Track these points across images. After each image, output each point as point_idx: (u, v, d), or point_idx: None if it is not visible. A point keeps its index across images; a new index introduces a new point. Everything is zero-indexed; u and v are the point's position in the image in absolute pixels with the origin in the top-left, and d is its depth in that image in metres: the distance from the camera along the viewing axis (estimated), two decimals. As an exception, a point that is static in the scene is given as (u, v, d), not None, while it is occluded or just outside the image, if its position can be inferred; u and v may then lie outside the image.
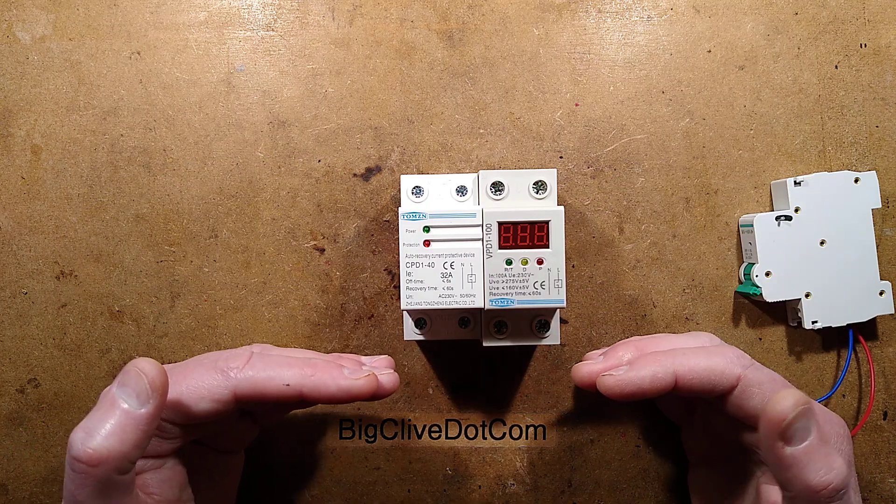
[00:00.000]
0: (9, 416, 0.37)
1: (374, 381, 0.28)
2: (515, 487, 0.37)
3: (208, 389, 0.27)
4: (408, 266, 0.31)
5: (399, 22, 0.37)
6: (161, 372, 0.25)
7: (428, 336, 0.34)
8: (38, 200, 0.37)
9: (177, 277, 0.37)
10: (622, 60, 0.37)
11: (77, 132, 0.37)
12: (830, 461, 0.25)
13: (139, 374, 0.25)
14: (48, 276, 0.37)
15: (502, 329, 0.33)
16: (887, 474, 0.37)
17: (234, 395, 0.27)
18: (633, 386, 0.28)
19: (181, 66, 0.37)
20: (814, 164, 0.37)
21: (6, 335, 0.37)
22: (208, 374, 0.27)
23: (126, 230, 0.37)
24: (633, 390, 0.28)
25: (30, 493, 0.37)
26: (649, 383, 0.28)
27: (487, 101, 0.37)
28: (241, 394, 0.27)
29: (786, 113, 0.37)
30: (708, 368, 0.28)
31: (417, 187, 0.33)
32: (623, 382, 0.28)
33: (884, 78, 0.37)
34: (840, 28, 0.37)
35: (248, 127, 0.37)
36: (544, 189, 0.32)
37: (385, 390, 0.29)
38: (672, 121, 0.37)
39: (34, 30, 0.37)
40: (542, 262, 0.31)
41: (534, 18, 0.37)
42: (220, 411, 0.27)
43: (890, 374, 0.37)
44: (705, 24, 0.37)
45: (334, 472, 0.37)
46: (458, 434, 0.37)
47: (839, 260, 0.35)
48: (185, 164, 0.37)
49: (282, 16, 0.37)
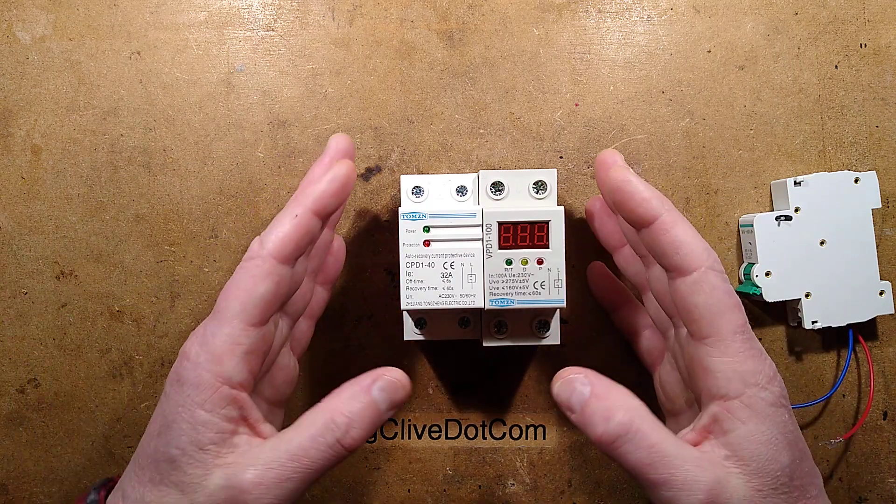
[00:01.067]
0: (9, 416, 0.37)
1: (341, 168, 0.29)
2: (515, 487, 0.37)
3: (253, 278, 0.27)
4: (408, 266, 0.31)
5: (399, 22, 0.37)
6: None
7: (428, 336, 0.35)
8: (38, 200, 0.37)
9: (177, 277, 0.37)
10: (622, 60, 0.37)
11: (77, 132, 0.37)
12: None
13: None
14: (48, 276, 0.37)
15: (502, 329, 0.33)
16: (887, 474, 0.37)
17: (275, 261, 0.27)
18: (629, 190, 0.28)
19: (181, 66, 0.37)
20: (814, 164, 0.37)
21: (6, 335, 0.37)
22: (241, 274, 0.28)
23: (126, 230, 0.37)
24: (626, 193, 0.28)
25: (30, 493, 0.37)
26: (639, 200, 0.28)
27: (487, 101, 0.37)
28: (280, 254, 0.27)
29: (786, 113, 0.37)
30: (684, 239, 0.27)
31: (417, 187, 0.33)
32: (623, 179, 0.28)
33: (884, 78, 0.37)
34: (840, 28, 0.37)
35: (248, 127, 0.37)
36: (544, 189, 0.32)
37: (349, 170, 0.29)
38: (672, 121, 0.37)
39: (34, 30, 0.37)
40: (542, 262, 0.31)
41: (534, 18, 0.37)
42: (278, 286, 0.28)
43: (890, 374, 0.37)
44: (705, 24, 0.37)
45: (334, 472, 0.37)
46: (458, 434, 0.37)
47: (839, 260, 0.35)
48: (185, 164, 0.37)
49: (282, 16, 0.37)
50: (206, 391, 0.26)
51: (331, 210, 0.29)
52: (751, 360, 0.26)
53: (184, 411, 0.26)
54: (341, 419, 0.26)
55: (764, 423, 0.25)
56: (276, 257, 0.27)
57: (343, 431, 0.26)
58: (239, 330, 0.27)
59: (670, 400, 0.32)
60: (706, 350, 0.27)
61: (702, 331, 0.27)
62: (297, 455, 0.25)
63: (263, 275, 0.27)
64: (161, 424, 0.26)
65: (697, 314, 0.27)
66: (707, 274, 0.27)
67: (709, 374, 0.26)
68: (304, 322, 0.33)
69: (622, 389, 0.27)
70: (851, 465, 0.37)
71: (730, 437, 0.26)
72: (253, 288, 0.27)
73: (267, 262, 0.27)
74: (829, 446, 0.36)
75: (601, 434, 0.26)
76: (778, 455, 0.25)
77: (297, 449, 0.26)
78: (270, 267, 0.27)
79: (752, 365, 0.26)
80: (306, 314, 0.33)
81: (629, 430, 0.25)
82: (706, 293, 0.27)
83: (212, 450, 0.26)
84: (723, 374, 0.26)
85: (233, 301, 0.27)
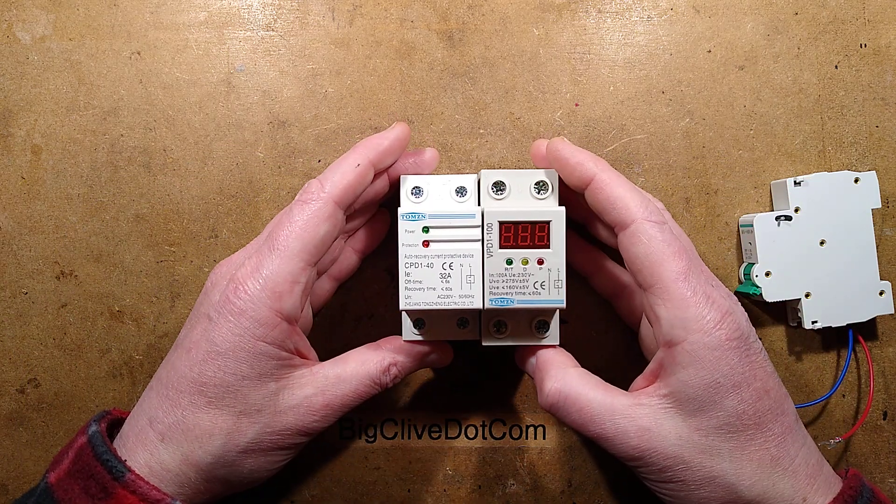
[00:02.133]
0: (9, 416, 0.37)
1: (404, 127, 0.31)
2: (515, 487, 0.37)
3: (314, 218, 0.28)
4: (407, 266, 0.31)
5: (399, 22, 0.37)
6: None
7: (427, 336, 0.34)
8: (38, 200, 0.37)
9: (177, 277, 0.37)
10: (622, 60, 0.37)
11: (77, 132, 0.37)
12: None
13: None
14: (48, 276, 0.37)
15: (502, 329, 0.33)
16: (887, 474, 0.37)
17: (335, 205, 0.29)
18: (564, 154, 0.30)
19: (181, 66, 0.37)
20: (814, 164, 0.37)
21: (6, 335, 0.37)
22: (301, 212, 0.29)
23: (126, 230, 0.37)
24: (561, 158, 0.30)
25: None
26: (573, 164, 0.29)
27: (487, 101, 0.37)
28: (340, 199, 0.29)
29: (786, 113, 0.37)
30: (618, 195, 0.28)
31: (417, 187, 0.33)
32: (560, 147, 0.30)
33: (884, 78, 0.37)
34: (840, 28, 0.37)
35: (248, 127, 0.37)
36: (546, 189, 0.32)
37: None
38: (672, 121, 0.37)
39: (34, 30, 0.37)
40: (542, 262, 0.31)
41: (534, 18, 0.37)
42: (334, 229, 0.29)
43: (890, 374, 0.37)
44: (705, 24, 0.37)
45: (334, 472, 0.37)
46: (458, 434, 0.37)
47: (839, 260, 0.35)
48: (185, 164, 0.37)
49: (282, 16, 0.37)
50: (266, 326, 0.27)
51: (387, 165, 0.31)
52: (693, 306, 0.26)
53: (242, 341, 0.27)
54: (395, 371, 0.31)
55: (704, 367, 0.26)
56: (337, 201, 0.29)
57: (392, 378, 0.31)
58: (299, 269, 0.28)
59: (650, 353, 0.33)
60: (652, 299, 0.28)
61: (645, 280, 0.28)
62: (356, 389, 0.30)
63: (325, 216, 0.28)
64: (208, 351, 0.27)
65: (638, 264, 0.28)
66: (643, 224, 0.28)
67: (655, 321, 0.28)
68: (327, 281, 0.34)
69: (562, 360, 0.31)
70: (851, 465, 0.37)
71: (670, 381, 0.27)
72: (315, 228, 0.28)
73: (328, 205, 0.28)
74: (829, 446, 0.36)
75: (541, 403, 0.30)
76: (719, 397, 0.26)
77: (358, 384, 0.30)
78: (331, 210, 0.29)
79: (694, 311, 0.26)
80: (331, 274, 0.34)
81: (558, 399, 0.29)
82: (644, 244, 0.27)
83: (274, 376, 0.28)
84: (666, 320, 0.27)
85: (294, 239, 0.28)
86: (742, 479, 0.26)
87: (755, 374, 0.27)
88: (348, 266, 0.35)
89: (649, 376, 0.29)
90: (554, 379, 0.29)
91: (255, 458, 0.28)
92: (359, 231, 0.35)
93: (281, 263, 0.28)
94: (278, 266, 0.28)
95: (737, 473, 0.26)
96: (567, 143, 0.30)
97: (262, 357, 0.27)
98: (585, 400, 0.28)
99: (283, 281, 0.28)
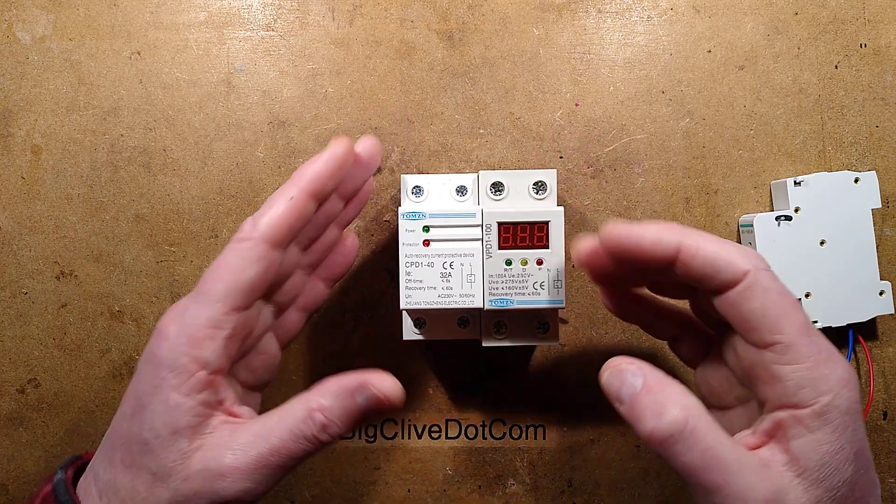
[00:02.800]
0: (9, 416, 0.37)
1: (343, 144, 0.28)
2: (515, 487, 0.37)
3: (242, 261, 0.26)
4: (407, 266, 0.31)
5: (399, 22, 0.37)
6: None
7: (427, 336, 0.34)
8: (38, 200, 0.37)
9: (177, 277, 0.37)
10: (622, 60, 0.37)
11: (77, 132, 0.37)
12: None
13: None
14: (48, 276, 0.37)
15: (502, 329, 0.33)
16: (887, 474, 0.37)
17: (268, 245, 0.27)
18: (634, 237, 0.26)
19: (181, 66, 0.37)
20: (814, 164, 0.37)
21: (6, 335, 0.37)
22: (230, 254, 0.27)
23: (126, 230, 0.37)
24: (632, 243, 0.26)
25: (30, 494, 0.37)
26: (650, 242, 0.25)
27: (487, 101, 0.37)
28: (273, 237, 0.27)
29: (786, 113, 0.37)
30: (716, 252, 0.25)
31: (417, 187, 0.33)
32: (624, 230, 0.26)
33: (884, 78, 0.37)
34: (840, 28, 0.37)
35: (248, 127, 0.37)
36: (544, 189, 0.32)
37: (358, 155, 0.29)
38: (672, 121, 0.37)
39: (34, 30, 0.37)
40: (541, 263, 0.31)
41: (534, 18, 0.37)
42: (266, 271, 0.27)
43: (890, 374, 0.37)
44: (705, 24, 0.37)
45: (334, 472, 0.37)
46: (458, 434, 0.37)
47: (839, 260, 0.35)
48: (185, 164, 0.37)
49: (282, 16, 0.37)
50: (182, 375, 0.25)
51: (327, 191, 0.28)
52: (822, 364, 0.24)
53: (158, 393, 0.25)
54: (319, 417, 0.26)
55: (834, 432, 0.23)
56: (268, 241, 0.27)
57: (320, 428, 0.26)
58: (222, 314, 0.26)
59: (716, 396, 0.29)
60: (771, 357, 0.24)
61: (764, 339, 0.24)
62: (274, 444, 0.25)
63: (253, 258, 0.26)
64: (134, 406, 0.26)
65: (755, 322, 0.24)
66: (757, 276, 0.24)
67: (777, 381, 0.24)
68: (294, 313, 0.32)
69: (677, 384, 0.25)
70: (851, 466, 0.37)
71: (793, 445, 0.24)
72: (241, 271, 0.26)
73: (258, 246, 0.26)
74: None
75: (651, 431, 0.24)
76: (843, 465, 0.23)
77: (276, 439, 0.25)
78: (262, 251, 0.26)
79: (824, 370, 0.24)
80: (298, 306, 0.32)
81: (683, 430, 0.23)
82: (760, 298, 0.24)
83: (187, 433, 0.25)
84: (793, 382, 0.24)
85: (218, 283, 0.26)
86: None
87: (864, 441, 0.24)
88: (316, 296, 0.33)
89: (763, 436, 0.25)
90: (678, 406, 0.24)
91: None
92: (325, 259, 0.33)
93: (201, 308, 0.26)
94: (198, 310, 0.26)
95: None
96: (625, 224, 0.26)
97: (175, 411, 0.25)
98: (714, 440, 0.23)
99: (203, 327, 0.25)
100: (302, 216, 0.27)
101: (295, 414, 0.26)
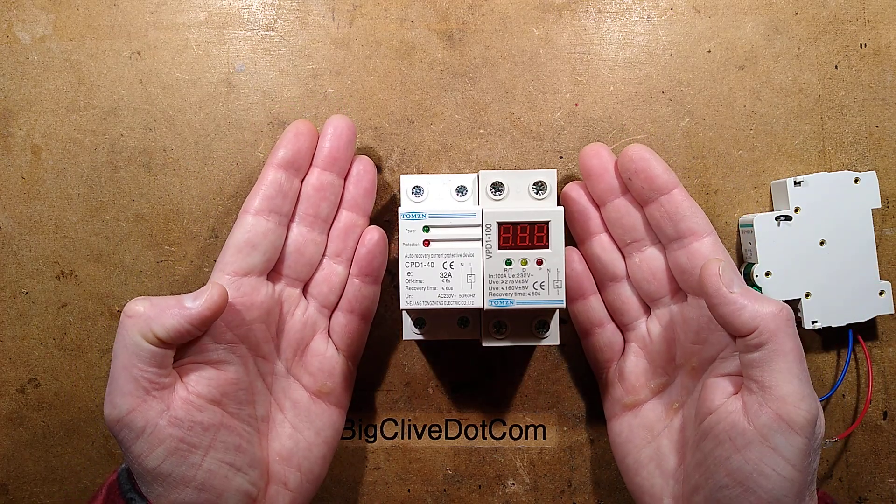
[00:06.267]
0: (9, 416, 0.37)
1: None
2: (515, 487, 0.37)
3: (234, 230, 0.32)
4: (407, 266, 0.31)
5: (399, 22, 0.37)
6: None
7: (427, 336, 0.35)
8: (38, 200, 0.37)
9: (177, 277, 0.37)
10: (622, 60, 0.37)
11: (77, 132, 0.37)
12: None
13: None
14: (48, 276, 0.37)
15: (502, 329, 0.33)
16: (887, 474, 0.37)
17: (248, 214, 0.32)
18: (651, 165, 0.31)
19: (181, 66, 0.37)
20: (814, 164, 0.37)
21: (6, 335, 0.37)
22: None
23: (126, 230, 0.37)
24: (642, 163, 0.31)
25: (30, 493, 0.37)
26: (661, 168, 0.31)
27: (487, 101, 0.37)
28: (252, 207, 0.32)
29: (786, 113, 0.37)
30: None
31: (417, 187, 0.33)
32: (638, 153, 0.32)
33: (884, 78, 0.37)
34: (840, 28, 0.37)
35: (248, 127, 0.37)
36: (544, 189, 0.32)
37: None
38: (672, 121, 0.37)
39: (34, 30, 0.37)
40: (541, 263, 0.31)
41: (534, 18, 0.37)
42: (250, 232, 0.31)
43: (889, 374, 0.37)
44: (705, 24, 0.37)
45: (334, 472, 0.37)
46: (458, 434, 0.37)
47: (839, 260, 0.35)
48: (185, 164, 0.37)
49: (282, 16, 0.37)
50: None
51: (292, 159, 0.32)
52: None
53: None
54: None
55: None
56: (248, 211, 0.31)
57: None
58: (225, 276, 0.31)
59: (633, 391, 0.33)
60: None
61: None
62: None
63: (239, 227, 0.32)
64: None
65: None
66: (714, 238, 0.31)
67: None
68: (345, 316, 0.34)
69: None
70: (851, 465, 0.37)
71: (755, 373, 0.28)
72: (230, 237, 0.32)
73: (241, 217, 0.32)
74: (826, 446, 0.36)
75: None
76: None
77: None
78: (244, 221, 0.31)
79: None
80: (345, 308, 0.34)
81: None
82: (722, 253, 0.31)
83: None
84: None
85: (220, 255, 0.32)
86: None
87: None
88: (362, 298, 0.34)
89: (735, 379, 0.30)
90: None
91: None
92: (354, 254, 0.34)
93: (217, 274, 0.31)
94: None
95: None
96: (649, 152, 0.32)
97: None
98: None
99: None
100: (273, 183, 0.32)
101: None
